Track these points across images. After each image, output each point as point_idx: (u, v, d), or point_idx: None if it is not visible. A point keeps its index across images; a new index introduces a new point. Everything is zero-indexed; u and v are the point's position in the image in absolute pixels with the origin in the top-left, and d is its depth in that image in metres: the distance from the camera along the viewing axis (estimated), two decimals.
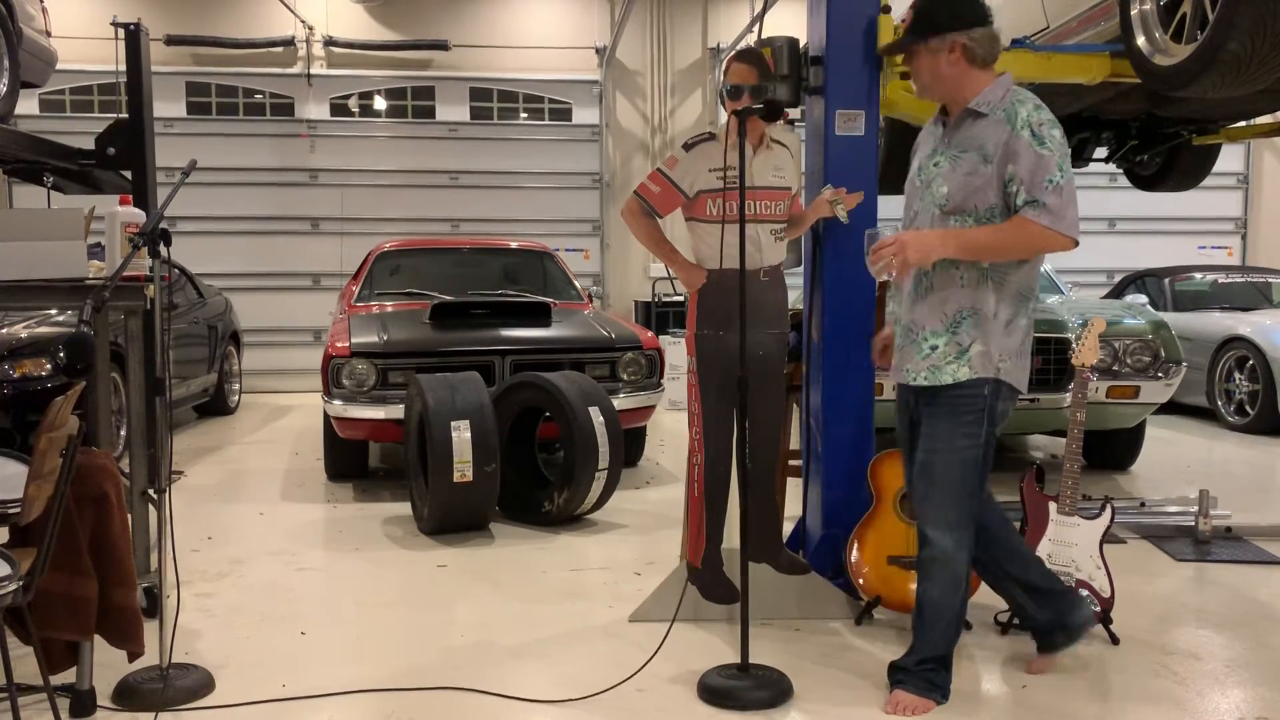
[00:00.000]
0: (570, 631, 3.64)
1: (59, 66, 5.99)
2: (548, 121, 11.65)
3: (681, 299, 9.36)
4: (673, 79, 11.74)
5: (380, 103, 11.44)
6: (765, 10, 4.87)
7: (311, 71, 11.18)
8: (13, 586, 2.41)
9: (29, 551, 2.57)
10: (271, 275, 11.12)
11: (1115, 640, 3.45)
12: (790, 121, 3.86)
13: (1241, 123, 5.47)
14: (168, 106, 10.76)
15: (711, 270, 3.52)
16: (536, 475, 5.53)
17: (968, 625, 3.44)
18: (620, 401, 5.70)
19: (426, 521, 4.91)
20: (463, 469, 4.71)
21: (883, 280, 2.99)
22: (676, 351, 7.77)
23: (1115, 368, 5.73)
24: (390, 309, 6.70)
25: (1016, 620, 3.44)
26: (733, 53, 3.83)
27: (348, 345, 5.70)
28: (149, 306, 3.49)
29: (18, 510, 2.50)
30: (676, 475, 6.23)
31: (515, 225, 11.18)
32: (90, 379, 3.86)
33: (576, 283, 7.56)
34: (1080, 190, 2.80)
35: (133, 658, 3.03)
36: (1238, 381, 7.97)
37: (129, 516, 3.33)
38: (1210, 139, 5.52)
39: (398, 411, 5.47)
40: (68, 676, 2.92)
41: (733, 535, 3.53)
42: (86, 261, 3.69)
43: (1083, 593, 3.41)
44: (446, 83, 11.44)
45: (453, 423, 4.77)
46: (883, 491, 3.62)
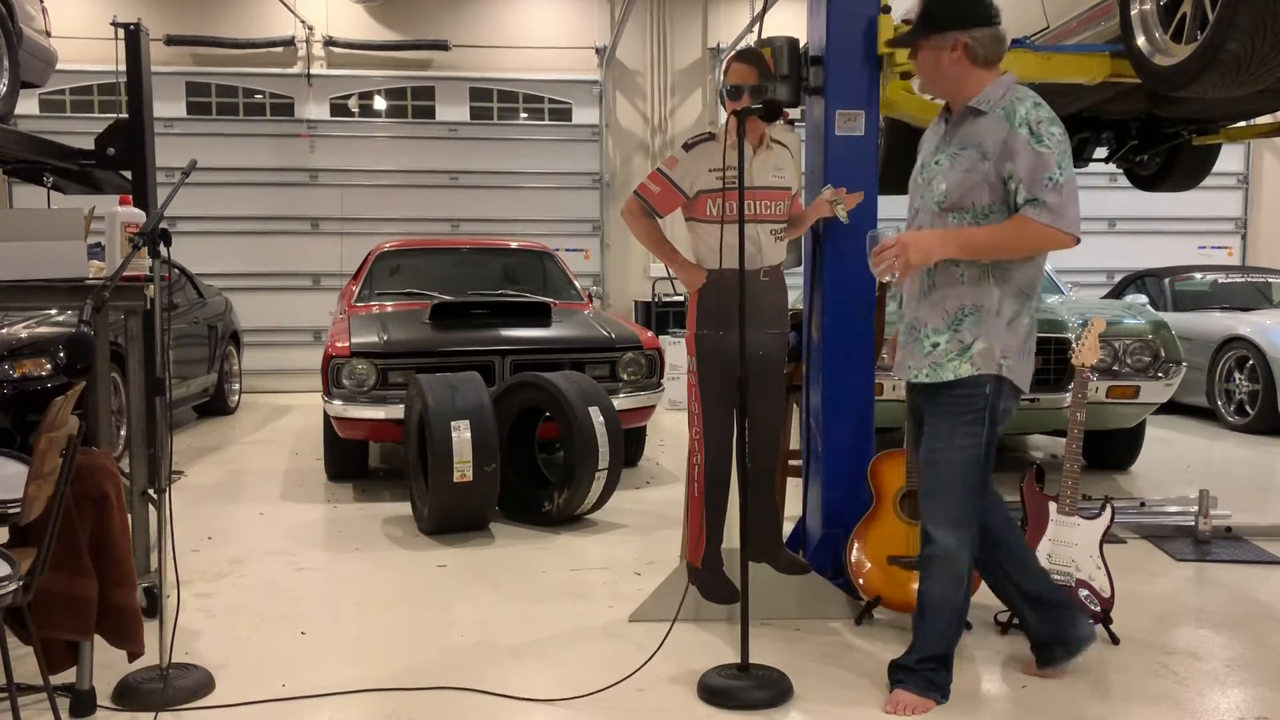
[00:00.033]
0: (570, 631, 3.64)
1: (59, 66, 6.00)
2: (548, 121, 11.65)
3: (681, 299, 9.36)
4: (673, 79, 11.74)
5: (380, 103, 11.44)
6: (765, 10, 4.87)
7: (311, 71, 11.18)
8: (13, 586, 2.41)
9: (29, 551, 2.57)
10: (271, 275, 11.12)
11: (1115, 640, 3.45)
12: (790, 121, 3.86)
13: (1241, 123, 5.48)
14: (168, 106, 10.76)
15: (711, 270, 3.52)
16: (536, 475, 5.53)
17: (968, 625, 3.44)
18: (620, 401, 5.70)
19: (426, 521, 4.91)
20: (463, 469, 4.72)
21: (885, 281, 2.99)
22: (676, 351, 7.76)
23: (1115, 368, 5.74)
24: (390, 309, 6.70)
25: (1016, 621, 3.44)
26: (733, 53, 3.83)
27: (348, 345, 5.70)
28: (149, 306, 3.49)
29: (18, 510, 2.50)
30: (676, 475, 6.23)
31: (515, 225, 11.18)
32: (90, 379, 3.86)
33: (576, 283, 7.55)
34: (1080, 190, 2.80)
35: (133, 658, 3.03)
36: (1238, 381, 7.97)
37: (129, 516, 3.33)
38: (1210, 139, 5.52)
39: (398, 411, 5.47)
40: (68, 676, 2.92)
41: (733, 535, 3.53)
42: (86, 261, 3.69)
43: (1083, 593, 3.42)
44: (446, 83, 11.43)
45: (453, 423, 4.77)
46: (883, 491, 3.62)
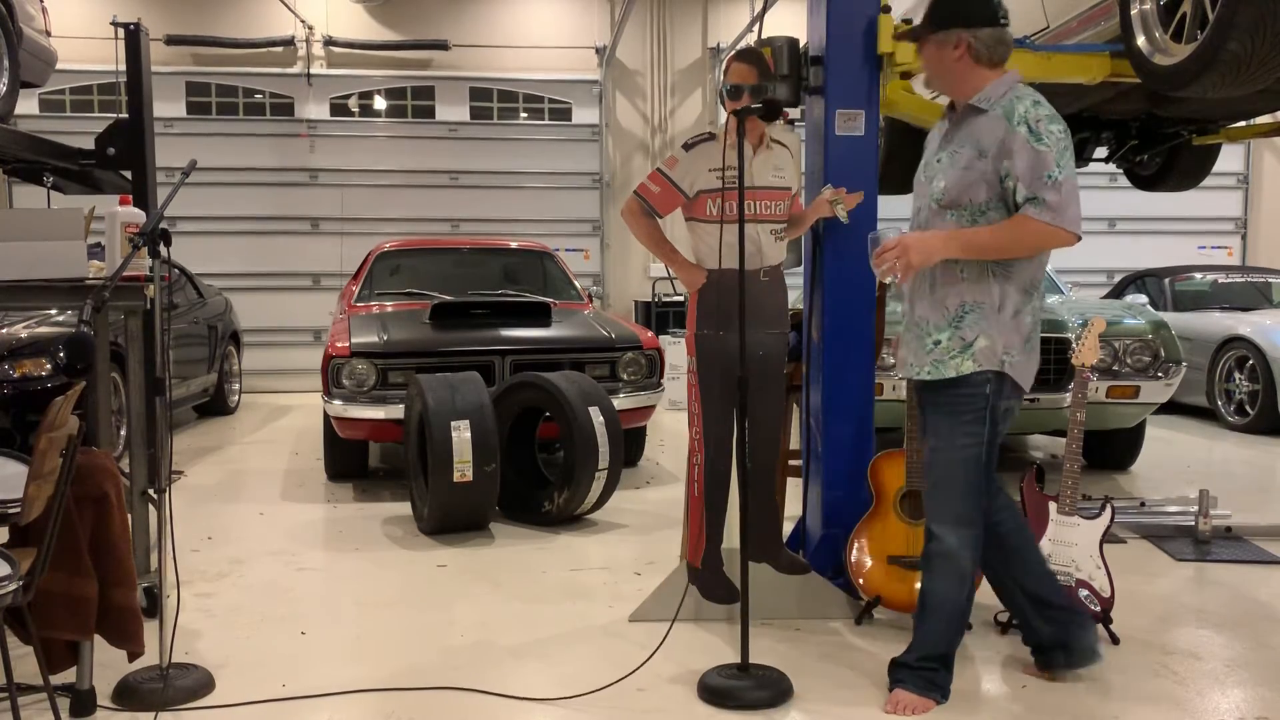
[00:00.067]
0: (570, 631, 3.64)
1: (59, 66, 6.00)
2: (548, 121, 11.65)
3: (681, 299, 9.36)
4: (673, 79, 11.74)
5: (380, 103, 11.44)
6: (765, 10, 4.87)
7: (311, 71, 11.18)
8: (13, 586, 2.41)
9: (29, 551, 2.57)
10: (271, 275, 11.12)
11: (1115, 640, 3.45)
12: (790, 121, 3.86)
13: (1241, 123, 5.47)
14: (168, 106, 10.76)
15: (711, 270, 3.52)
16: (536, 475, 5.52)
17: (968, 625, 3.44)
18: (620, 401, 5.69)
19: (426, 521, 4.91)
20: (463, 469, 4.71)
21: (887, 282, 3.00)
22: (676, 351, 7.76)
23: (1115, 368, 5.73)
24: (390, 309, 6.70)
25: (1015, 621, 3.44)
26: (733, 53, 3.83)
27: (348, 345, 5.70)
28: (149, 306, 3.49)
29: (18, 510, 2.50)
30: (676, 475, 6.23)
31: (515, 225, 11.18)
32: (90, 379, 3.86)
33: (576, 283, 7.55)
34: (1080, 190, 2.80)
35: (133, 657, 3.03)
36: (1238, 381, 7.97)
37: (129, 516, 3.33)
38: (1210, 139, 5.52)
39: (398, 411, 5.47)
40: (68, 676, 2.92)
41: (733, 535, 3.53)
42: (86, 261, 3.69)
43: (1083, 593, 3.42)
44: (446, 83, 11.43)
45: (453, 423, 4.77)
46: (883, 491, 3.62)
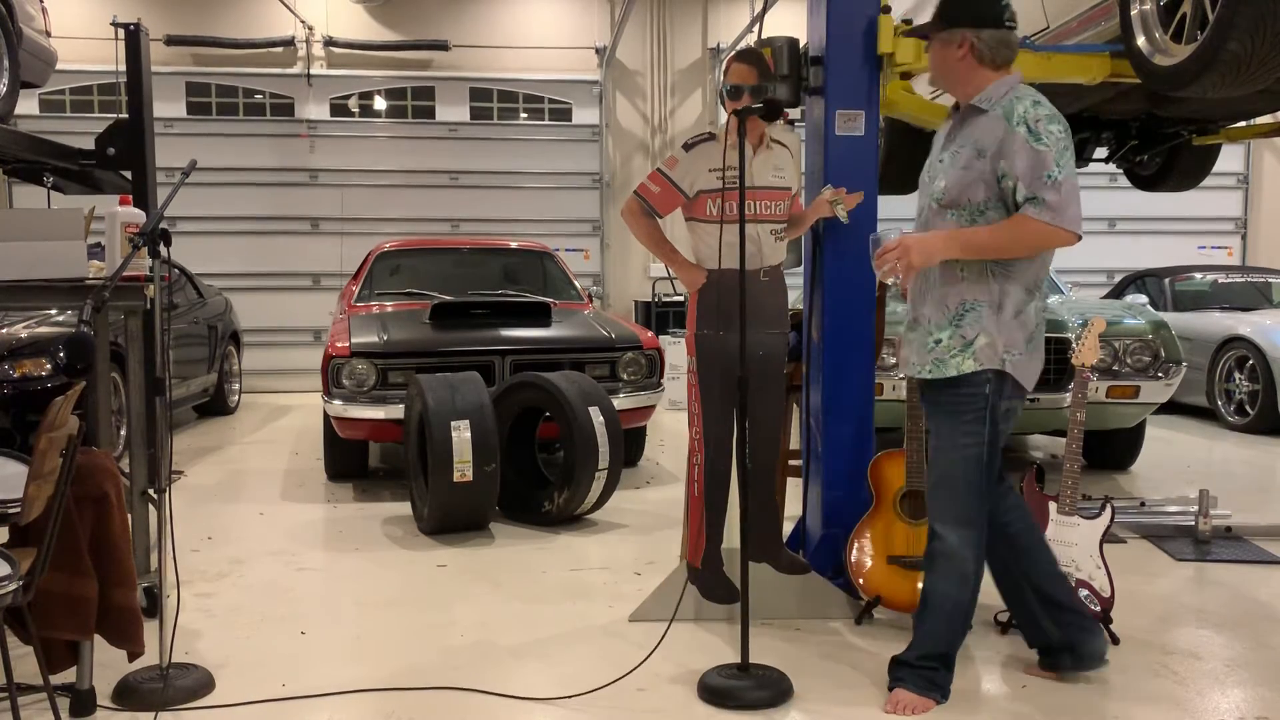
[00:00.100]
0: (570, 631, 3.64)
1: (59, 66, 6.00)
2: (548, 121, 11.65)
3: (681, 299, 9.36)
4: (673, 79, 11.73)
5: (380, 103, 11.44)
6: (765, 10, 4.87)
7: (311, 71, 11.18)
8: (13, 586, 2.41)
9: (29, 551, 2.57)
10: (271, 275, 11.12)
11: (1115, 640, 3.45)
12: (790, 121, 3.86)
13: (1241, 123, 5.47)
14: (168, 106, 10.76)
15: (711, 270, 3.52)
16: (536, 475, 5.52)
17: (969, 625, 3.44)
18: (620, 401, 5.69)
19: (426, 521, 4.91)
20: (463, 469, 4.71)
21: (889, 282, 3.00)
22: (676, 351, 7.76)
23: (1115, 368, 5.73)
24: (390, 309, 6.70)
25: (1015, 621, 3.44)
26: (733, 53, 3.83)
27: (348, 345, 5.70)
28: (149, 306, 3.49)
29: (18, 510, 2.50)
30: (676, 475, 6.23)
31: (515, 225, 11.18)
32: (90, 379, 3.86)
33: (576, 283, 7.55)
34: (1080, 190, 2.80)
35: (133, 657, 3.03)
36: (1238, 381, 7.97)
37: (129, 516, 3.33)
38: (1210, 139, 5.52)
39: (398, 411, 5.47)
40: (68, 676, 2.92)
41: (733, 535, 3.53)
42: (86, 261, 3.69)
43: (1083, 593, 3.41)
44: (446, 83, 11.43)
45: (453, 423, 4.77)
46: (883, 491, 3.62)
